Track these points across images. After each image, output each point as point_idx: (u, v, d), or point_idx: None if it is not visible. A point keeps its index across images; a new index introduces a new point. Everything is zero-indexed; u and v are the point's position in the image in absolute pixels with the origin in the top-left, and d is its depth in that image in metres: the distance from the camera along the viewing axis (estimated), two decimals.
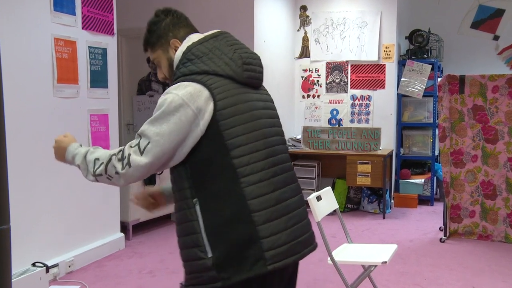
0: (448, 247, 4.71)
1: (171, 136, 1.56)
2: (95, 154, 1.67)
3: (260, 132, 1.65)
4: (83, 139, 4.15)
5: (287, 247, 1.61)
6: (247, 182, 1.58)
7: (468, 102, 4.76)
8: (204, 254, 1.58)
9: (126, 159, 1.58)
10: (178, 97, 1.57)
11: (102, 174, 1.63)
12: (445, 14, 7.17)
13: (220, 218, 1.58)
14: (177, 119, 1.56)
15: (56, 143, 1.81)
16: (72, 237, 4.08)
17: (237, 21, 5.50)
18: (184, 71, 1.64)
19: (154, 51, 1.78)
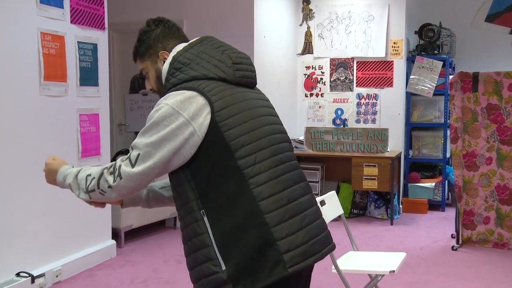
0: (461, 255, 4.69)
1: (162, 146, 1.59)
2: (87, 171, 1.71)
3: (262, 130, 1.67)
4: (72, 140, 4.14)
5: (305, 247, 1.61)
6: (256, 183, 1.59)
7: (482, 101, 4.75)
8: (218, 268, 1.58)
9: (117, 171, 1.61)
10: (168, 107, 1.60)
11: (95, 189, 1.66)
12: (457, 7, 7.17)
13: (231, 226, 1.58)
14: (168, 128, 1.58)
15: (46, 166, 1.86)
16: (60, 245, 4.06)
17: (236, 16, 5.49)
18: (174, 81, 1.68)
19: (142, 61, 1.83)
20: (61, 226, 4.06)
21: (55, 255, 4.01)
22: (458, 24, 7.00)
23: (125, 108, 6.11)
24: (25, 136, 3.71)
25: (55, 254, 4.01)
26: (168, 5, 5.67)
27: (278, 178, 1.64)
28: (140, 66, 1.85)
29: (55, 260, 4.00)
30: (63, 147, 4.05)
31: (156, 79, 1.81)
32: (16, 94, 3.63)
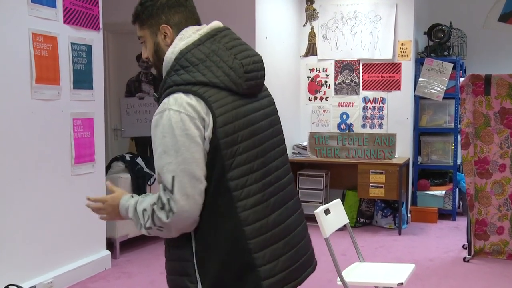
0: (474, 267, 4.67)
1: (192, 156, 1.55)
2: (143, 204, 1.64)
3: (259, 149, 1.68)
4: (65, 146, 4.14)
5: (284, 274, 1.66)
6: (244, 207, 1.60)
7: (494, 104, 4.74)
8: (194, 285, 1.62)
9: (167, 205, 1.56)
10: (177, 113, 1.56)
11: (152, 227, 1.61)
12: (469, 6, 7.16)
13: (214, 246, 1.61)
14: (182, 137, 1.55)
15: (107, 203, 1.78)
16: (52, 255, 4.05)
17: (237, 15, 5.49)
18: (177, 80, 1.62)
19: (141, 29, 1.76)
20: (53, 235, 4.05)
21: (47, 267, 4.00)
22: (469, 24, 6.99)
23: (121, 112, 6.11)
24: (15, 141, 3.71)
25: (47, 265, 4.00)
26: None
27: (266, 202, 1.66)
28: (138, 32, 1.77)
29: (46, 271, 3.99)
30: (56, 153, 4.05)
31: (154, 52, 1.74)
32: (6, 97, 3.63)
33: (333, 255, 2.94)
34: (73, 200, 4.21)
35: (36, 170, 3.88)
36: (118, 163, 5.08)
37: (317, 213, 2.94)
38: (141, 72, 6.01)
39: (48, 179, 3.99)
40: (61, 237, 4.12)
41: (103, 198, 1.79)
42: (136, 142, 6.12)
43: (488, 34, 7.10)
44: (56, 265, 4.08)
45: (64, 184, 4.13)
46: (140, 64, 5.98)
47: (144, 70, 5.99)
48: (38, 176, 3.90)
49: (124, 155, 5.20)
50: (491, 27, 6.34)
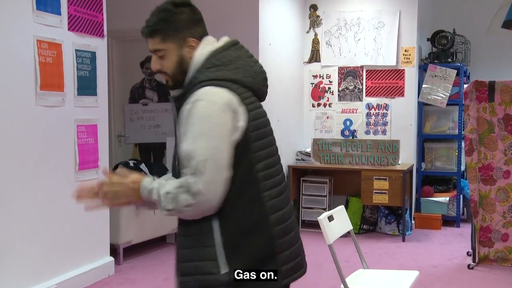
0: (478, 274, 4.65)
1: (223, 144, 1.66)
2: (165, 187, 1.69)
3: (269, 150, 1.83)
4: (69, 152, 4.15)
5: (294, 263, 1.82)
6: (269, 196, 1.76)
7: (498, 111, 4.73)
8: (216, 270, 1.69)
9: (194, 188, 1.63)
10: (211, 103, 1.67)
11: (175, 208, 1.67)
12: (472, 12, 7.17)
13: (242, 232, 1.72)
14: (217, 126, 1.66)
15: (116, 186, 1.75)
16: (55, 261, 4.05)
17: (240, 22, 5.52)
18: (210, 76, 1.73)
19: (164, 42, 1.80)
20: (56, 241, 4.05)
21: (49, 273, 4.00)
22: (473, 30, 6.99)
23: (125, 119, 6.12)
24: (20, 147, 3.72)
25: (49, 271, 4.00)
26: None
27: (280, 196, 1.82)
28: (158, 45, 1.80)
29: (48, 278, 3.98)
30: (60, 159, 4.06)
31: (177, 64, 1.80)
32: (11, 104, 3.65)
33: (336, 261, 2.93)
34: (77, 206, 4.19)
35: (40, 176, 3.89)
36: None
37: (320, 220, 2.94)
38: (145, 79, 6.03)
39: (52, 185, 4.00)
40: (64, 243, 4.13)
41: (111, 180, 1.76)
42: (139, 148, 6.13)
43: (491, 40, 7.10)
44: (59, 271, 4.08)
45: (67, 190, 4.12)
46: (144, 71, 6.00)
47: (148, 77, 6.01)
48: (42, 182, 3.91)
49: (128, 161, 5.21)
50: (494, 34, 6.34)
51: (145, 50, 6.70)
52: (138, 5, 5.84)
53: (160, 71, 1.83)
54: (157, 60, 1.82)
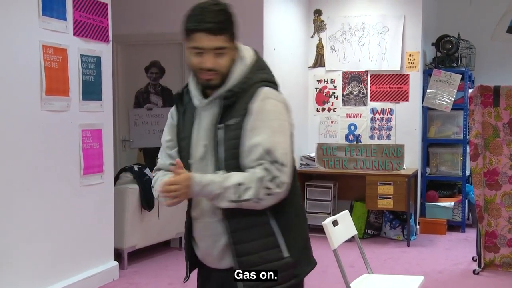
0: (484, 280, 4.63)
1: (291, 140, 1.90)
2: (233, 179, 1.78)
3: None
4: (74, 156, 4.16)
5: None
6: (299, 188, 2.02)
7: (503, 116, 4.72)
8: (281, 255, 1.86)
9: (279, 178, 1.78)
10: (280, 103, 1.87)
11: (251, 198, 1.77)
12: (477, 17, 7.15)
13: (293, 219, 1.93)
14: (287, 123, 1.88)
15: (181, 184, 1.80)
16: (60, 266, 4.05)
17: (245, 27, 5.45)
18: (263, 77, 1.90)
19: (228, 42, 1.86)
20: (61, 246, 4.06)
21: (53, 278, 4.00)
22: (477, 35, 6.98)
23: (129, 123, 6.14)
24: (25, 152, 3.74)
25: (53, 276, 4.00)
26: (174, 17, 5.69)
27: None
28: (222, 43, 1.83)
29: (52, 283, 3.99)
30: (65, 163, 4.08)
31: (230, 63, 1.87)
32: (16, 108, 3.67)
33: (341, 266, 2.93)
34: (82, 210, 4.23)
35: (45, 180, 3.90)
36: (126, 174, 5.09)
37: (325, 225, 2.94)
38: (149, 84, 6.04)
39: (57, 190, 4.01)
40: (69, 247, 4.13)
41: (172, 179, 1.81)
42: (144, 153, 6.14)
43: (496, 45, 7.08)
44: (63, 275, 4.09)
45: (72, 194, 4.15)
46: (148, 76, 6.02)
47: (153, 82, 6.02)
48: (47, 186, 3.92)
49: (133, 166, 5.21)
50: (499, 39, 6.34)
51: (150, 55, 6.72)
52: (143, 10, 5.88)
53: (212, 69, 1.83)
54: (213, 57, 1.83)
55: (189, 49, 1.84)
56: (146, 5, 5.86)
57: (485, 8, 7.12)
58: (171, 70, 5.93)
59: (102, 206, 4.45)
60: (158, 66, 5.97)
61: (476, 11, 7.19)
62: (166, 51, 5.92)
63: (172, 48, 5.86)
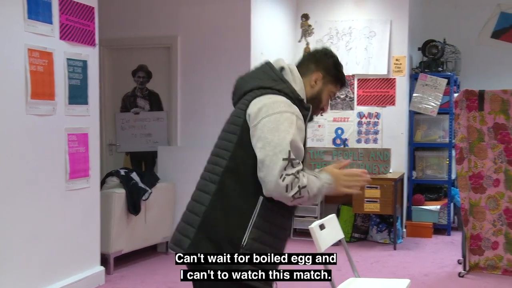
0: (469, 283, 4.66)
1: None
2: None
3: None
4: (60, 161, 4.13)
5: None
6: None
7: (488, 120, 4.77)
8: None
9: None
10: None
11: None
12: (462, 22, 7.23)
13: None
14: None
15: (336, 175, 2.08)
16: (43, 272, 4.01)
17: (233, 31, 5.54)
18: None
19: None
20: (46, 251, 4.02)
21: (37, 283, 3.96)
22: (463, 40, 7.05)
23: (116, 128, 6.11)
24: (10, 156, 3.71)
25: (37, 282, 3.96)
26: (162, 21, 5.72)
27: None
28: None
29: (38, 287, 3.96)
30: (50, 168, 4.05)
31: None
32: (1, 112, 3.63)
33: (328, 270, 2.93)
34: (68, 215, 4.20)
35: (30, 185, 3.87)
36: (112, 178, 5.07)
37: (312, 228, 2.94)
38: (136, 87, 6.02)
39: (42, 194, 3.98)
40: (54, 252, 4.10)
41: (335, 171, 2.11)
42: (131, 157, 6.11)
43: (481, 50, 7.17)
44: (48, 281, 4.05)
45: (58, 199, 4.12)
46: (135, 80, 6.00)
47: (140, 86, 6.01)
48: (32, 191, 3.89)
49: (119, 170, 5.19)
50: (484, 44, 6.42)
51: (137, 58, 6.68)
52: (130, 14, 5.86)
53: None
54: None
55: (329, 91, 2.21)
56: (133, 9, 5.84)
57: (470, 13, 7.19)
58: (158, 74, 5.92)
59: (88, 211, 4.42)
60: (145, 70, 5.96)
61: (461, 16, 7.26)
62: (153, 55, 5.91)
63: (159, 52, 5.85)
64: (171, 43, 5.72)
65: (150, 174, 5.46)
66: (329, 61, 2.20)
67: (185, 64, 5.72)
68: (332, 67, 2.19)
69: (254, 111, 1.99)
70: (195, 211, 2.03)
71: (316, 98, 2.17)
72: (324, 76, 2.18)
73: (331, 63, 2.19)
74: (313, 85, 2.16)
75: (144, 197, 5.03)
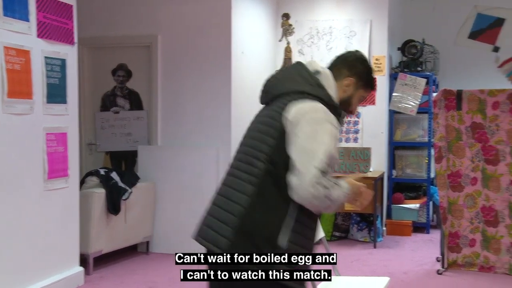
0: (447, 280, 4.71)
1: None
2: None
3: None
4: (38, 160, 4.08)
5: None
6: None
7: (466, 119, 4.82)
8: None
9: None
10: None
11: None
12: (440, 23, 7.30)
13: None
14: None
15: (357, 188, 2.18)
16: (21, 273, 3.95)
17: (213, 30, 5.51)
18: None
19: None
20: (24, 251, 3.96)
21: (15, 285, 3.90)
22: (441, 40, 7.12)
23: (96, 127, 6.05)
24: None
25: (15, 283, 3.90)
26: (141, 20, 5.67)
27: None
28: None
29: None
30: (28, 167, 3.99)
31: None
32: None
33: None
34: (46, 215, 4.14)
35: (8, 185, 3.81)
36: (92, 178, 5.02)
37: None
38: (116, 86, 5.97)
39: (20, 194, 3.92)
40: (32, 253, 4.04)
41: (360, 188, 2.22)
42: (111, 156, 6.06)
43: (459, 50, 7.23)
44: (26, 282, 3.99)
45: (36, 199, 4.07)
46: (115, 78, 5.94)
47: (120, 85, 5.95)
48: (10, 191, 3.83)
49: (99, 170, 5.14)
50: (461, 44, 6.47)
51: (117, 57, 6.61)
52: (110, 13, 5.81)
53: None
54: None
55: (360, 95, 2.26)
56: (113, 8, 5.79)
57: (448, 14, 7.27)
58: (138, 73, 5.87)
59: (67, 211, 4.37)
60: (125, 69, 5.90)
61: (439, 17, 7.34)
62: (133, 54, 5.86)
63: (139, 51, 5.81)
64: (151, 42, 5.68)
65: (130, 174, 5.42)
66: (362, 67, 2.24)
67: (165, 63, 5.69)
68: (365, 74, 2.24)
69: (293, 116, 2.02)
70: (230, 210, 2.02)
71: (346, 102, 2.23)
72: (356, 82, 2.21)
73: (364, 70, 2.24)
74: (345, 89, 2.20)
75: (124, 196, 4.99)
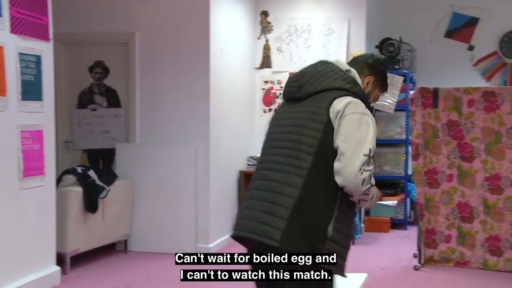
0: (423, 275, 4.76)
1: None
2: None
3: None
4: (12, 158, 4.01)
5: None
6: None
7: (442, 117, 4.87)
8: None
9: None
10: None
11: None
12: (417, 22, 7.38)
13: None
14: None
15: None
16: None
17: (191, 27, 5.48)
18: None
19: None
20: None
21: None
22: (418, 39, 7.20)
23: (72, 124, 5.97)
24: None
25: None
26: (118, 16, 5.61)
27: None
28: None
29: None
30: (2, 166, 3.92)
31: None
32: None
33: None
34: (21, 214, 4.08)
35: None
36: (69, 176, 4.96)
37: None
38: (93, 84, 5.90)
39: None
40: (7, 252, 3.97)
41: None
42: (88, 154, 5.99)
43: (435, 49, 7.34)
44: (1, 282, 3.93)
45: (11, 198, 4.00)
46: (92, 75, 5.87)
47: (97, 82, 5.88)
48: None
49: (76, 168, 5.08)
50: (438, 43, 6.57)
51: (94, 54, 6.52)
52: (87, 9, 5.73)
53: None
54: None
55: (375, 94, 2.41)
56: (90, 4, 5.72)
57: (425, 13, 7.35)
58: (116, 70, 5.81)
59: (43, 209, 4.31)
60: (102, 66, 5.83)
61: (416, 16, 7.41)
62: (110, 51, 5.79)
63: (117, 48, 5.74)
64: (129, 39, 5.63)
65: (108, 172, 5.37)
66: (381, 68, 2.41)
67: (143, 60, 5.64)
68: (383, 75, 2.42)
69: (340, 107, 2.15)
70: (281, 202, 2.09)
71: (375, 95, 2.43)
72: (375, 81, 2.38)
73: (383, 71, 2.42)
74: (365, 87, 2.35)
75: (102, 194, 4.94)
